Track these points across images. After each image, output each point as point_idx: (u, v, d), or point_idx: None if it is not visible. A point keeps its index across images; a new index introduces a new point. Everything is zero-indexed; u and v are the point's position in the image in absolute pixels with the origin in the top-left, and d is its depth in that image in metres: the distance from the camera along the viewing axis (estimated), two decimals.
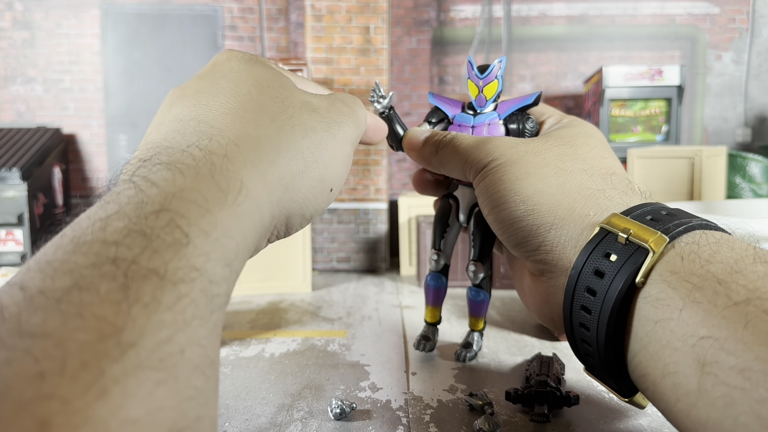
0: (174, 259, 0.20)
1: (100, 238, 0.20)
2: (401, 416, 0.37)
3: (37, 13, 0.96)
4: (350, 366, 0.46)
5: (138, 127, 0.98)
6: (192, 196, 0.23)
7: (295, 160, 0.29)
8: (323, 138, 0.31)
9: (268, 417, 0.37)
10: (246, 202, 0.25)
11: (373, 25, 0.88)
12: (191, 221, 0.22)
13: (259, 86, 0.31)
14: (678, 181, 0.74)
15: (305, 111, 0.31)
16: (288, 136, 0.29)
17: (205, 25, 0.97)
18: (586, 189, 0.33)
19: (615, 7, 1.00)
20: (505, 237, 0.35)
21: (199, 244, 0.22)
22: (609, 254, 0.28)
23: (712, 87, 1.01)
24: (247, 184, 0.25)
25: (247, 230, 0.25)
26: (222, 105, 0.28)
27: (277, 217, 0.29)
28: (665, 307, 0.25)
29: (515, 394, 0.38)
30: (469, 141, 0.38)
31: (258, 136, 0.28)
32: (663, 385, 0.25)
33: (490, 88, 0.42)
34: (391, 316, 0.61)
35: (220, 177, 0.24)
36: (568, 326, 0.31)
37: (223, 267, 0.23)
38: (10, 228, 0.78)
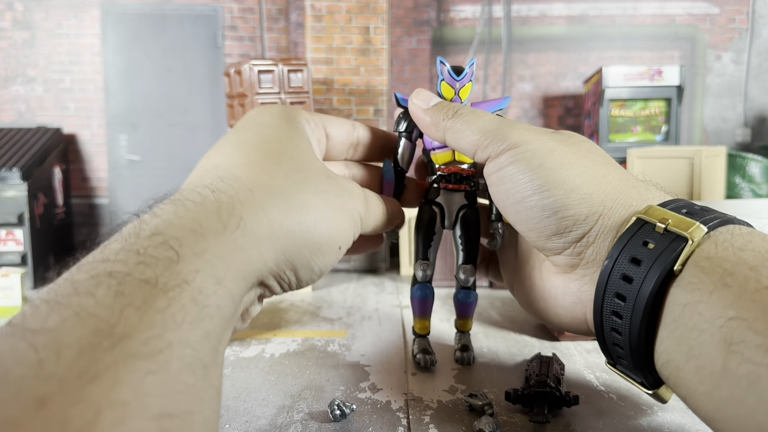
0: (165, 273, 0.23)
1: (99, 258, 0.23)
2: (401, 417, 0.37)
3: (37, 13, 0.96)
4: (350, 366, 0.46)
5: (138, 127, 0.98)
6: (189, 224, 0.25)
7: (306, 216, 0.31)
8: (335, 201, 0.33)
9: (269, 418, 0.37)
10: (243, 237, 0.27)
11: (373, 26, 0.88)
12: (183, 243, 0.24)
13: (280, 144, 0.33)
14: (678, 181, 0.74)
15: (320, 175, 0.33)
16: (300, 194, 0.31)
17: (205, 25, 0.97)
18: (628, 181, 0.33)
19: (615, 7, 1.00)
20: (541, 226, 0.33)
21: (189, 262, 0.24)
22: (647, 243, 0.28)
23: (712, 87, 1.01)
24: (248, 223, 0.28)
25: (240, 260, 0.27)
26: (243, 156, 0.31)
27: (282, 264, 0.30)
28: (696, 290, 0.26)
29: (515, 395, 0.38)
30: (491, 119, 0.37)
31: (272, 188, 0.30)
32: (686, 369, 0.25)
33: (465, 90, 0.42)
34: (391, 317, 0.61)
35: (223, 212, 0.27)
36: (598, 316, 0.31)
37: (213, 283, 0.24)
38: (11, 228, 0.78)
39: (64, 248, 0.93)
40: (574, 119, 1.02)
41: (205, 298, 0.23)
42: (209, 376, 0.23)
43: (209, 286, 0.24)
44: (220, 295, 0.25)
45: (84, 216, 1.00)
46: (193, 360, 0.21)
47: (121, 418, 0.18)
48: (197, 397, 0.21)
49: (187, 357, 0.21)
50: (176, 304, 0.22)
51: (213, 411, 0.23)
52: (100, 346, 0.19)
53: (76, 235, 0.99)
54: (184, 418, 0.20)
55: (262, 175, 0.31)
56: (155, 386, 0.19)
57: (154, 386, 0.19)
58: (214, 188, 0.28)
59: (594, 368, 0.45)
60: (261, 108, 0.36)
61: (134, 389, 0.19)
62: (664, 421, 0.36)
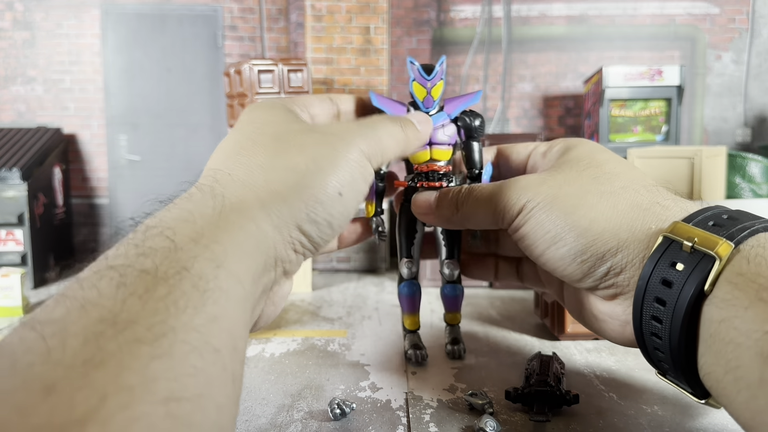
0: (164, 262, 0.23)
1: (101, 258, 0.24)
2: (401, 416, 0.37)
3: (37, 14, 0.96)
4: (350, 366, 0.46)
5: (138, 127, 0.98)
6: (180, 215, 0.26)
7: (288, 175, 0.31)
8: (319, 150, 0.32)
9: (269, 418, 0.37)
10: (232, 214, 0.28)
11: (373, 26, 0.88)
12: (177, 232, 0.25)
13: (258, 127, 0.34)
14: (678, 181, 0.74)
15: (302, 134, 0.33)
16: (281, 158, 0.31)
17: (205, 25, 0.97)
18: (639, 205, 0.32)
19: (615, 7, 1.00)
20: (568, 272, 0.34)
21: (186, 249, 0.24)
22: (675, 263, 0.28)
23: (712, 87, 1.01)
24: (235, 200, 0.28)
25: (239, 238, 0.27)
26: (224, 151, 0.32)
27: (284, 227, 0.30)
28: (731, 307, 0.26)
29: (515, 394, 0.38)
30: (491, 189, 0.37)
31: (250, 164, 0.31)
32: (725, 380, 0.26)
33: (437, 89, 0.42)
34: (391, 316, 0.61)
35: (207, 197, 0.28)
36: (639, 335, 0.31)
37: (213, 267, 0.24)
38: (11, 228, 0.78)
39: (64, 248, 0.93)
40: (574, 119, 1.02)
41: (206, 283, 0.24)
42: (223, 360, 0.22)
43: (209, 271, 0.24)
44: (222, 277, 0.25)
45: (84, 216, 0.99)
46: (201, 344, 0.21)
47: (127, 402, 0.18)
48: (208, 381, 0.21)
49: (193, 341, 0.21)
50: (177, 290, 0.22)
51: (227, 397, 0.22)
52: (105, 334, 0.19)
53: (76, 235, 0.99)
54: (194, 401, 0.20)
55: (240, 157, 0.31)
56: (161, 370, 0.19)
57: (161, 370, 0.19)
58: (199, 183, 0.29)
59: (594, 367, 0.45)
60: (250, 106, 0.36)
61: (140, 374, 0.19)
62: (664, 420, 0.36)
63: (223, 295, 0.24)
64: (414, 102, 0.43)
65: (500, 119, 1.02)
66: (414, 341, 0.47)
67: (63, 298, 0.21)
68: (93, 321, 0.20)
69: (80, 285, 0.22)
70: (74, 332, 0.19)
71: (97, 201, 0.99)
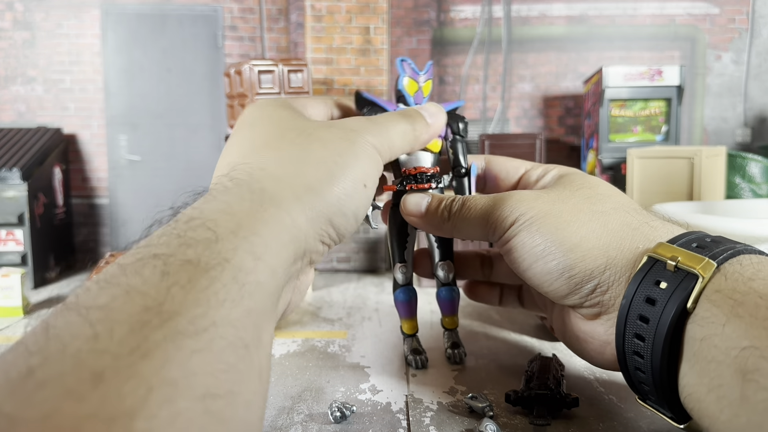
0: (206, 252, 0.23)
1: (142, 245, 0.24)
2: (401, 419, 0.37)
3: (37, 14, 0.96)
4: (350, 368, 0.47)
5: (138, 128, 0.98)
6: (220, 206, 0.27)
7: (319, 169, 0.31)
8: (341, 145, 0.33)
9: (269, 420, 0.37)
10: (271, 207, 0.28)
11: (373, 26, 0.88)
12: (218, 223, 0.25)
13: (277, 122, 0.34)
14: (677, 181, 0.74)
15: (321, 128, 0.34)
16: (309, 152, 0.32)
17: (206, 25, 0.97)
18: (629, 224, 0.33)
19: (615, 8, 1.00)
20: (554, 288, 0.34)
21: (227, 241, 0.24)
22: (659, 282, 0.29)
23: (712, 87, 1.01)
24: (271, 193, 0.29)
25: (276, 230, 0.27)
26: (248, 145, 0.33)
27: (316, 220, 0.31)
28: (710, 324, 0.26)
29: (515, 397, 0.38)
30: (485, 201, 0.38)
31: (281, 158, 0.31)
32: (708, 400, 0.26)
33: (427, 86, 0.43)
34: (391, 317, 0.61)
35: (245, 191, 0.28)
36: (621, 354, 0.31)
37: (252, 259, 0.25)
38: (11, 228, 0.78)
39: (65, 248, 0.93)
40: (574, 119, 1.02)
41: (245, 276, 0.24)
42: (250, 356, 0.23)
43: (248, 263, 0.25)
44: (260, 270, 0.25)
45: (84, 216, 1.00)
46: (235, 339, 0.22)
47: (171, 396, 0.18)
48: (239, 378, 0.21)
49: (229, 336, 0.22)
50: (218, 282, 0.23)
51: (254, 393, 0.23)
52: (150, 323, 0.20)
53: (76, 235, 0.99)
54: (227, 398, 0.20)
55: (270, 150, 0.32)
56: (201, 365, 0.20)
57: (200, 365, 0.20)
58: (232, 177, 0.29)
59: (594, 370, 0.45)
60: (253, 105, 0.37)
61: (182, 368, 0.19)
62: (663, 424, 0.36)
63: (258, 288, 0.25)
64: (401, 99, 0.44)
65: (500, 119, 1.02)
66: (414, 346, 0.47)
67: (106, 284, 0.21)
68: (138, 309, 0.20)
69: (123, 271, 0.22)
70: (120, 320, 0.20)
71: (97, 201, 1.00)
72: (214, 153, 0.96)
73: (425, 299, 0.66)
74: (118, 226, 1.00)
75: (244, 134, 0.34)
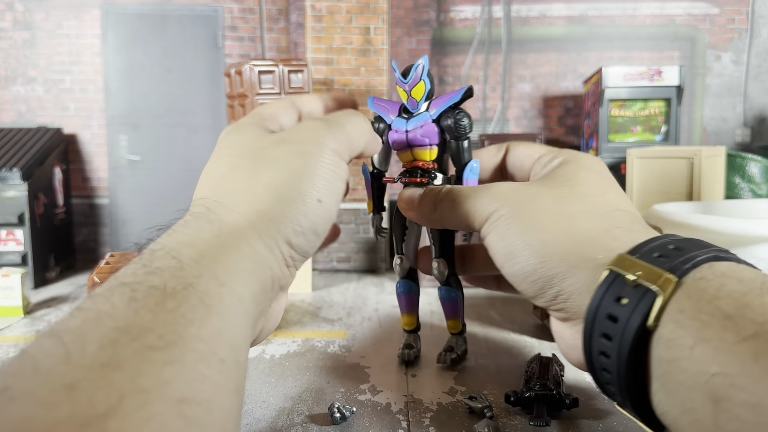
0: (172, 279, 0.25)
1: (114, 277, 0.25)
2: (401, 419, 0.37)
3: (37, 14, 0.96)
4: (350, 368, 0.47)
5: (138, 128, 0.98)
6: (182, 238, 0.28)
7: (268, 193, 0.32)
8: (293, 161, 0.33)
9: (269, 421, 0.37)
10: (230, 238, 0.29)
11: (373, 26, 0.88)
12: (181, 252, 0.26)
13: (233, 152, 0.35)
14: (677, 181, 0.74)
15: (273, 148, 0.34)
16: (259, 178, 0.32)
17: (206, 26, 0.97)
18: (591, 231, 0.32)
19: (615, 8, 1.00)
20: (522, 289, 0.34)
21: (191, 268, 0.26)
22: (620, 298, 0.28)
23: (712, 87, 1.01)
24: (227, 224, 0.30)
25: (236, 258, 0.28)
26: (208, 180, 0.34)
27: (275, 246, 0.31)
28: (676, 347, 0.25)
29: (515, 397, 0.38)
30: (467, 192, 0.37)
31: (234, 189, 0.32)
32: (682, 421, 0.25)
33: (417, 90, 0.42)
34: (391, 317, 0.61)
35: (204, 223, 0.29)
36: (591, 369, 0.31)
37: (216, 285, 0.26)
38: (11, 228, 0.79)
39: (65, 248, 0.93)
40: (573, 119, 1.02)
41: (211, 299, 0.25)
42: (228, 371, 0.24)
43: (213, 288, 0.25)
44: (226, 295, 0.26)
45: (84, 216, 1.00)
46: (208, 353, 0.23)
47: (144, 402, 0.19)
48: (215, 388, 0.22)
49: (201, 349, 0.23)
50: (185, 304, 0.24)
51: (232, 405, 0.24)
52: (120, 341, 0.21)
53: (76, 235, 0.99)
54: (204, 405, 0.21)
55: (224, 184, 0.33)
56: (173, 375, 0.21)
57: (173, 375, 0.21)
58: (192, 212, 0.31)
59: None
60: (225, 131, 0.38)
61: (154, 377, 0.20)
62: None
63: (227, 311, 0.25)
64: None
65: (500, 119, 1.02)
66: (408, 341, 0.47)
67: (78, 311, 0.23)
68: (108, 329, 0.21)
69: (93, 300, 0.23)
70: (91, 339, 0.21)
71: (98, 201, 1.00)
72: None
73: (426, 299, 0.66)
74: (118, 226, 1.00)
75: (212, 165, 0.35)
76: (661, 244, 0.29)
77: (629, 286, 0.27)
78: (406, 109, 0.43)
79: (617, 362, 0.28)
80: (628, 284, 0.27)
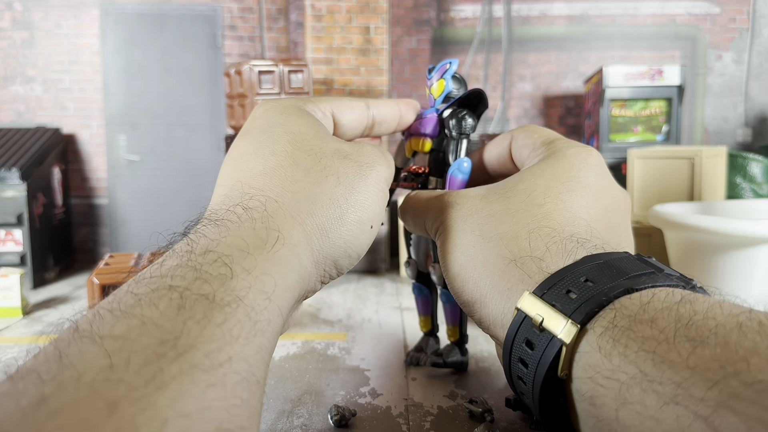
0: (221, 289, 0.23)
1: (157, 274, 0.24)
2: (401, 423, 0.37)
3: (36, 13, 0.96)
4: (350, 371, 0.46)
5: (138, 127, 0.98)
6: (235, 242, 0.26)
7: (332, 209, 0.31)
8: (356, 182, 0.33)
9: (268, 424, 0.37)
10: (283, 248, 0.28)
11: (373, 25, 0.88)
12: (234, 260, 0.25)
13: (294, 140, 0.33)
14: (678, 181, 0.74)
15: (337, 159, 0.33)
16: (323, 188, 0.31)
17: (205, 25, 0.97)
18: (503, 260, 0.30)
19: (615, 7, 0.99)
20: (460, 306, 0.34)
21: (241, 278, 0.24)
22: (530, 342, 0.27)
23: (713, 87, 1.01)
24: (285, 234, 0.28)
25: (285, 272, 0.27)
26: (261, 165, 0.32)
27: (322, 262, 0.31)
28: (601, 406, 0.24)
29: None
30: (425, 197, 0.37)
31: (295, 191, 0.31)
32: None
33: (435, 89, 0.42)
34: (391, 319, 0.61)
35: (260, 228, 0.28)
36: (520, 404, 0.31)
37: (263, 299, 0.25)
38: (10, 228, 0.78)
39: (64, 248, 0.93)
40: (574, 119, 1.02)
41: (257, 314, 0.24)
42: (261, 392, 0.23)
43: (260, 302, 0.25)
44: (271, 310, 0.25)
45: (83, 216, 0.99)
46: (248, 375, 0.22)
47: (185, 428, 0.18)
48: (249, 413, 0.22)
49: (243, 372, 0.22)
50: (232, 319, 0.23)
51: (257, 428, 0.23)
52: (166, 356, 0.20)
53: (75, 236, 0.99)
54: None
55: (284, 180, 0.31)
56: (215, 399, 0.20)
57: (215, 399, 0.20)
58: (245, 206, 0.29)
59: None
60: (266, 105, 0.35)
61: (197, 401, 0.19)
62: None
63: (269, 328, 0.25)
64: None
65: (500, 119, 1.02)
66: (420, 344, 0.47)
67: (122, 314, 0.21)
68: (155, 341, 0.20)
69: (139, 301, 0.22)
70: (136, 350, 0.20)
71: (97, 201, 0.99)
72: (213, 153, 0.96)
73: None
74: (117, 226, 0.99)
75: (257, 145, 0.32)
76: (574, 276, 0.27)
77: (536, 331, 0.26)
78: None
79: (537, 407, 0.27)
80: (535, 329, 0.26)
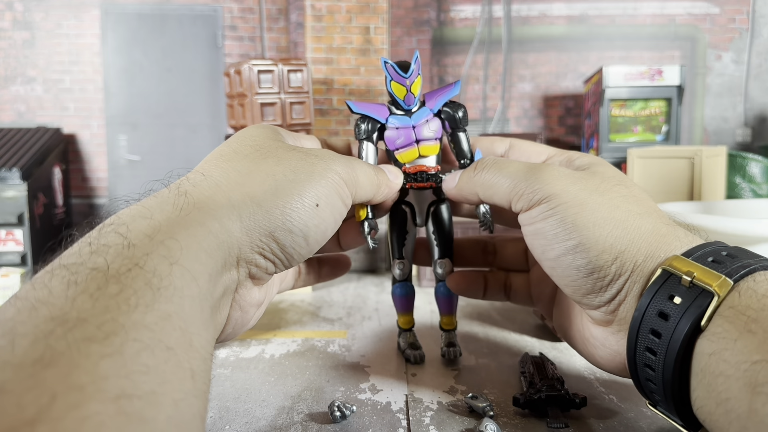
0: (117, 259, 0.23)
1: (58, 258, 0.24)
2: (401, 418, 0.37)
3: (37, 14, 0.96)
4: (350, 367, 0.46)
5: (138, 127, 0.98)
6: (138, 212, 0.27)
7: (266, 181, 0.31)
8: (298, 164, 0.33)
9: (269, 420, 0.37)
10: (195, 211, 0.28)
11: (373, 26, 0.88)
12: (131, 228, 0.25)
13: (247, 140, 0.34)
14: (678, 181, 0.74)
15: (283, 149, 0.34)
16: (259, 165, 0.32)
17: (205, 25, 0.97)
18: (658, 231, 0.32)
19: (615, 7, 1.00)
20: (576, 285, 0.33)
21: (139, 246, 0.24)
22: (673, 296, 0.28)
23: (712, 87, 1.01)
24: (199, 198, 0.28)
25: (199, 235, 0.27)
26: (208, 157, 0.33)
27: (255, 230, 0.30)
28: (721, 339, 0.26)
29: (524, 400, 0.37)
30: (518, 167, 0.36)
31: (228, 168, 0.31)
32: (717, 413, 0.26)
33: (416, 85, 0.41)
34: (390, 317, 0.61)
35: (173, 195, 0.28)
36: (632, 364, 0.31)
37: (167, 264, 0.24)
38: (10, 228, 0.78)
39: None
40: (574, 119, 1.02)
41: (159, 281, 0.23)
42: (177, 357, 0.22)
43: (162, 268, 0.24)
44: (177, 275, 0.24)
45: (84, 216, 0.99)
46: (153, 342, 0.21)
47: (78, 401, 0.18)
48: (161, 379, 0.21)
49: (144, 339, 0.21)
50: (129, 288, 0.22)
51: (185, 392, 0.22)
52: (54, 332, 0.19)
53: None
54: (146, 398, 0.20)
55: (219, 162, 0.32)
56: (112, 369, 0.19)
57: (111, 369, 0.19)
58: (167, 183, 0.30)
59: (594, 370, 0.45)
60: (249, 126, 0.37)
61: (90, 373, 0.19)
62: (664, 423, 0.36)
63: (176, 293, 0.24)
64: (394, 101, 0.42)
65: (500, 119, 1.02)
66: (410, 340, 0.47)
67: (15, 299, 0.21)
68: (43, 320, 0.20)
69: (32, 285, 0.22)
70: (23, 332, 0.19)
71: (97, 201, 0.99)
72: None
73: (426, 299, 0.65)
74: None
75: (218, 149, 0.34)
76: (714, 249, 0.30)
77: (683, 287, 0.28)
78: (397, 107, 0.42)
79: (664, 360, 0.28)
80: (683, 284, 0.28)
